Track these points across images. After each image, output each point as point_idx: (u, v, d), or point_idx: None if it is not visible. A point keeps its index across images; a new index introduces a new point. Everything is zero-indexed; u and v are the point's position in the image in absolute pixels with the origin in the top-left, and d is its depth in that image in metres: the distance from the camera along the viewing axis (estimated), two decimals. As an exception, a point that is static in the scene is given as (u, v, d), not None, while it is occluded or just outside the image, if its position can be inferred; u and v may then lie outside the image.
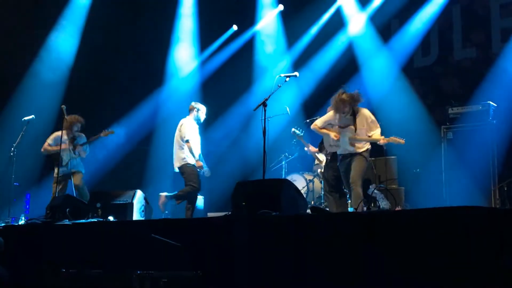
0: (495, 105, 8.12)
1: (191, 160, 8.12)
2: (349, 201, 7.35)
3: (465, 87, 9.22)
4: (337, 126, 7.16)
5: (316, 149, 8.72)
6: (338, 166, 7.19)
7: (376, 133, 7.02)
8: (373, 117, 7.12)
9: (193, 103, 8.46)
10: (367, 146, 7.06)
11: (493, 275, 3.57)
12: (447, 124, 8.33)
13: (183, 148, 8.17)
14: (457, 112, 8.35)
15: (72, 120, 8.59)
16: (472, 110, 8.24)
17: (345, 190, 7.41)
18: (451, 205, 4.33)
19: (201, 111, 8.39)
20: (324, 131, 7.28)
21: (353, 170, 6.90)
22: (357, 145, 7.00)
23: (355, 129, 7.01)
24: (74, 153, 8.79)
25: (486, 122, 7.97)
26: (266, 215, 4.88)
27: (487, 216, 3.81)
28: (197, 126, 8.36)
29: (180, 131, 8.25)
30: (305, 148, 9.04)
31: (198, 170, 8.13)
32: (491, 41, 9.45)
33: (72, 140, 8.78)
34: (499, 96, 8.38)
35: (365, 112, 7.12)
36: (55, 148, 8.71)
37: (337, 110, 7.11)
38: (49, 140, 8.90)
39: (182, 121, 8.33)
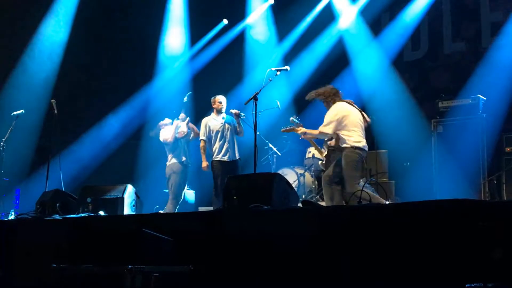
0: (485, 98, 8.16)
1: None
2: None
3: (455, 81, 9.26)
4: None
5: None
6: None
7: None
8: (331, 112, 6.77)
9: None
10: (348, 143, 6.70)
11: (481, 267, 3.59)
12: (437, 117, 8.37)
13: None
14: (447, 105, 8.39)
15: None
16: (462, 104, 8.28)
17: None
18: (441, 198, 4.36)
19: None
20: None
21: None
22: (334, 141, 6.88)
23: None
24: None
25: (475, 116, 8.01)
26: (257, 209, 4.89)
27: (476, 209, 3.83)
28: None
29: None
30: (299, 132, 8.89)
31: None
32: (480, 35, 9.48)
33: None
34: (489, 90, 8.43)
35: (332, 107, 6.86)
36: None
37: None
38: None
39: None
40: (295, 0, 10.86)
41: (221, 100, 8.38)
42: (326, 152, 8.10)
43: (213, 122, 8.30)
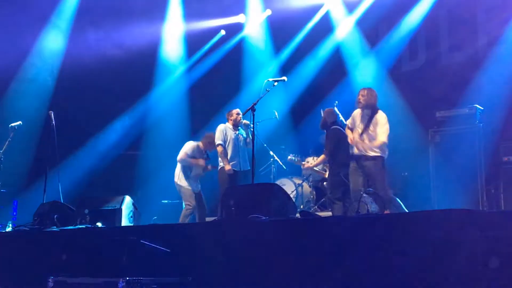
0: (482, 108, 8.19)
1: None
2: None
3: (452, 91, 9.27)
4: None
5: (314, 164, 8.65)
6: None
7: None
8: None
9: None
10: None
11: (478, 278, 3.59)
12: (435, 127, 8.39)
13: None
14: (444, 115, 8.42)
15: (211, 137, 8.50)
16: (459, 114, 8.31)
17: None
18: (438, 208, 4.36)
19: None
20: None
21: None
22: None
23: None
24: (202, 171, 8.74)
25: (473, 125, 8.03)
26: (255, 219, 4.89)
27: (474, 218, 3.83)
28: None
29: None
30: (303, 167, 8.98)
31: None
32: (477, 45, 9.51)
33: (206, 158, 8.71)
34: (486, 99, 8.45)
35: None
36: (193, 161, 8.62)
37: None
38: (188, 151, 8.65)
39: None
40: (293, 11, 10.90)
41: (239, 112, 8.42)
42: (327, 173, 8.11)
43: (229, 130, 8.35)
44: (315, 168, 8.84)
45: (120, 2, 10.64)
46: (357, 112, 7.08)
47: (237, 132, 8.37)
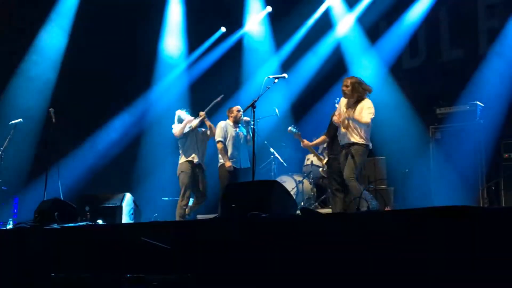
0: (482, 105, 8.19)
1: None
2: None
3: (453, 88, 9.27)
4: None
5: (314, 143, 8.26)
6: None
7: None
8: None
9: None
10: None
11: (480, 275, 3.59)
12: (435, 124, 8.39)
13: None
14: (445, 112, 8.42)
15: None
16: (459, 110, 8.31)
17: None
18: (439, 205, 4.35)
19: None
20: None
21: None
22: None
23: None
24: None
25: (473, 122, 8.03)
26: (255, 217, 4.88)
27: (475, 215, 3.82)
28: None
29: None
30: (302, 144, 8.86)
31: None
32: (478, 42, 9.51)
33: None
34: (486, 96, 8.45)
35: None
36: None
37: None
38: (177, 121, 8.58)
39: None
40: (293, 8, 10.90)
41: (239, 109, 8.40)
42: (326, 160, 8.11)
43: (229, 127, 8.34)
44: (313, 152, 8.63)
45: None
46: (343, 101, 7.10)
47: (237, 129, 8.37)
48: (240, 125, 8.42)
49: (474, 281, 3.58)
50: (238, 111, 8.37)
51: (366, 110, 6.82)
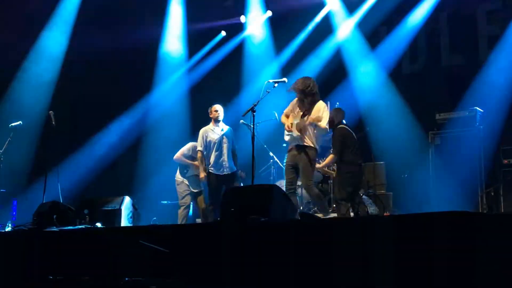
0: (482, 110, 8.20)
1: None
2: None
3: (453, 93, 9.29)
4: None
5: (324, 164, 8.05)
6: None
7: None
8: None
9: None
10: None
11: (481, 280, 3.59)
12: (435, 129, 8.40)
13: None
14: (444, 118, 8.43)
15: None
16: (459, 116, 8.32)
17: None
18: (438, 211, 4.35)
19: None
20: None
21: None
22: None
23: None
24: None
25: (473, 128, 8.04)
26: (255, 221, 4.88)
27: (474, 221, 3.82)
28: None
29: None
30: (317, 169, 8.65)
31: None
32: (478, 48, 9.52)
33: None
34: (486, 102, 8.46)
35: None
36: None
37: None
38: (185, 151, 8.81)
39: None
40: (293, 12, 10.91)
41: (217, 108, 8.39)
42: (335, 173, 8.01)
43: (210, 133, 8.31)
44: (328, 172, 8.65)
45: (121, 0, 10.67)
46: (295, 100, 7.12)
47: (221, 132, 8.32)
48: (228, 128, 8.38)
49: (474, 286, 3.57)
50: (216, 110, 8.36)
51: (323, 114, 6.90)
